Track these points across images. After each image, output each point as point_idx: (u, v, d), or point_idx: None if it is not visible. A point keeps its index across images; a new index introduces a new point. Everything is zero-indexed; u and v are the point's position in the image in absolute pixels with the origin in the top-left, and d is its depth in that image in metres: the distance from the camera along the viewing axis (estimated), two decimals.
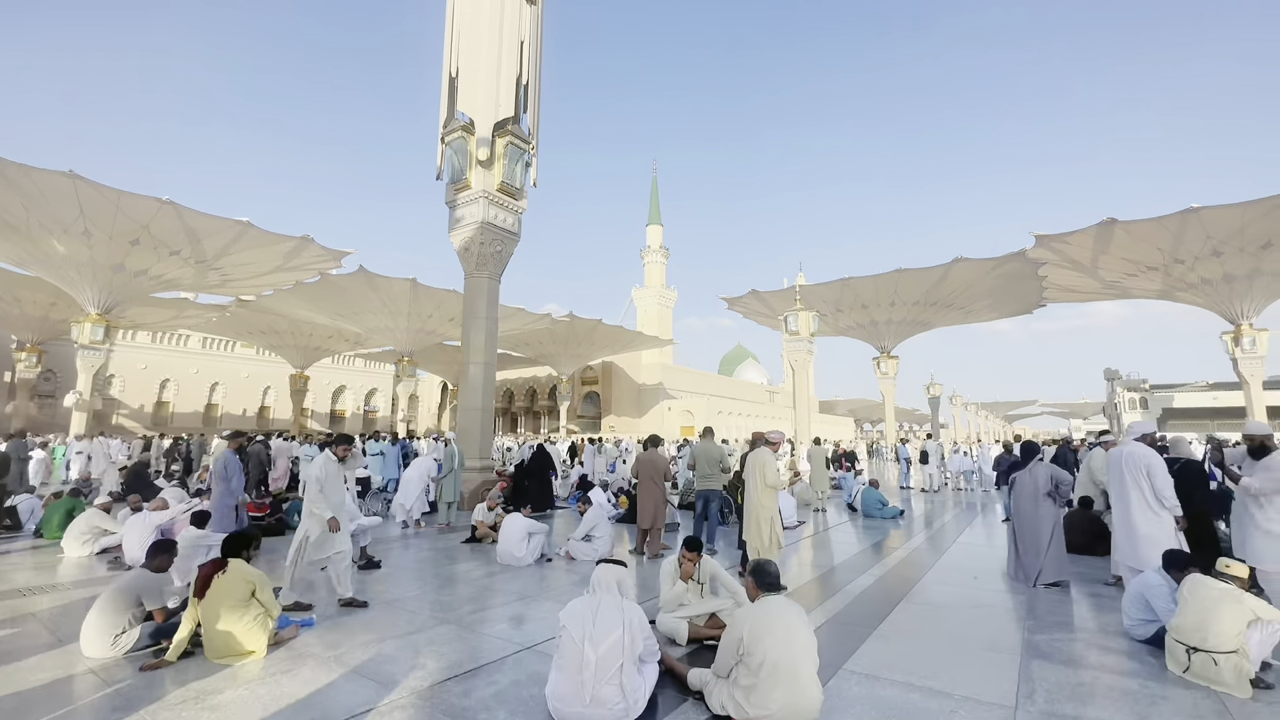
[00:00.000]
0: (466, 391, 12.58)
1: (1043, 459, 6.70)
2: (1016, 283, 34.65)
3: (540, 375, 62.94)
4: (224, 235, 27.93)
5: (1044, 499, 6.38)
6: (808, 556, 8.37)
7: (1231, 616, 3.85)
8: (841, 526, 10.87)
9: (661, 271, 67.26)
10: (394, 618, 5.25)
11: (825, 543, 9.32)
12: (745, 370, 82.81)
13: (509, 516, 7.41)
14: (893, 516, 11.77)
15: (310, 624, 4.84)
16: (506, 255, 13.18)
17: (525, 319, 42.79)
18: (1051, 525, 6.33)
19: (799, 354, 28.61)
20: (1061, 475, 6.39)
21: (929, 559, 8.05)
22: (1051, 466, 6.58)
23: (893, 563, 7.82)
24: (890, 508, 11.96)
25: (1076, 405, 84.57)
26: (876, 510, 11.89)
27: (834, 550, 8.77)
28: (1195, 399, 43.60)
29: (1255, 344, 32.85)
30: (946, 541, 9.34)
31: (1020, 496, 6.61)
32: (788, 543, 9.00)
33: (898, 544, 9.14)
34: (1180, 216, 27.78)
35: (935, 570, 7.32)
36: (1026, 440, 7.39)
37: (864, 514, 12.11)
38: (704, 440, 8.39)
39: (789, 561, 7.73)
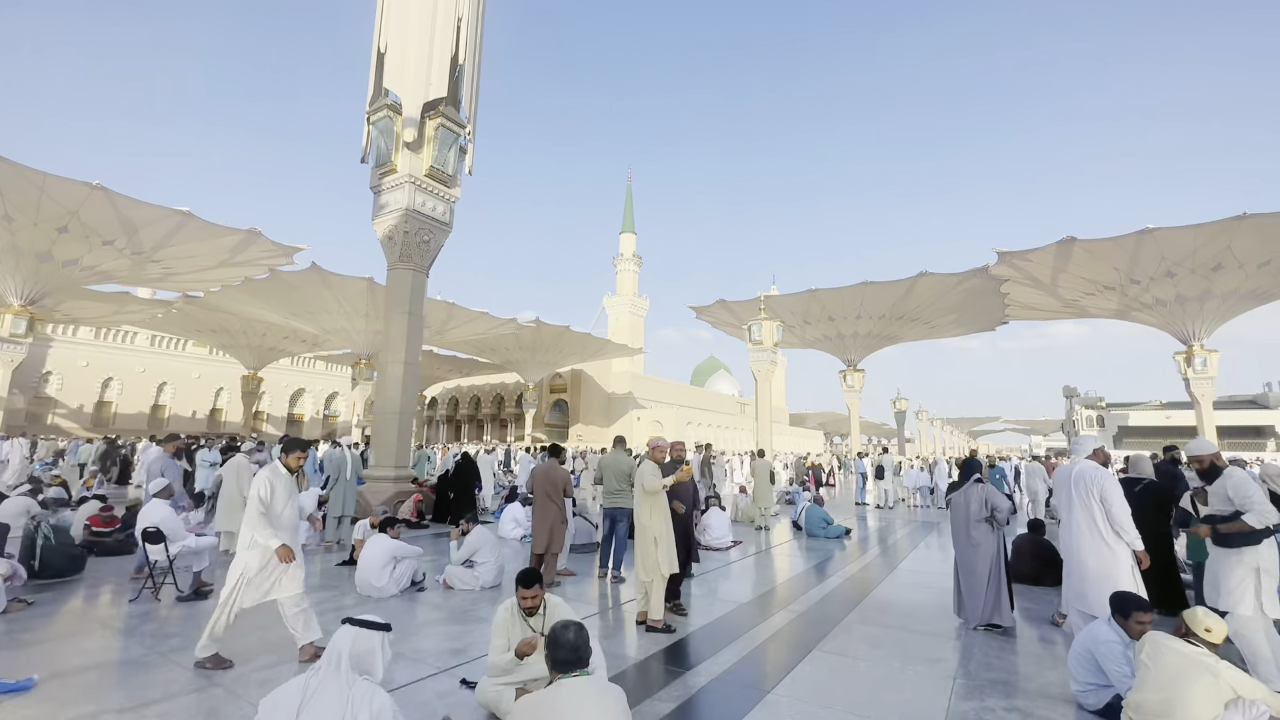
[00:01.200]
0: (383, 393, 11.37)
1: (981, 480, 5.70)
2: (980, 299, 34.53)
3: (508, 382, 61.47)
4: (162, 225, 26.18)
5: (977, 525, 5.47)
6: (718, 587, 7.24)
7: (1204, 694, 2.91)
8: (780, 549, 9.90)
9: (634, 280, 66.37)
10: (145, 677, 4.01)
11: (750, 569, 8.24)
12: (717, 381, 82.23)
13: (372, 538, 6.18)
14: (838, 536, 10.86)
15: (25, 687, 3.63)
16: (435, 246, 12.02)
17: (489, 323, 41.47)
18: (989, 558, 5.39)
19: (762, 364, 27.85)
20: (997, 500, 5.46)
21: (861, 591, 7.11)
22: (988, 488, 5.61)
23: (817, 596, 6.84)
24: (835, 526, 11.07)
25: (1038, 422, 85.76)
26: (820, 529, 10.96)
27: (755, 579, 7.73)
28: (1149, 418, 44.16)
29: (1206, 364, 33.16)
30: (888, 568, 8.44)
31: (955, 523, 5.69)
32: (713, 566, 8.00)
33: (833, 571, 8.17)
34: (1136, 237, 27.86)
35: (863, 608, 6.32)
36: (967, 457, 6.44)
37: (808, 533, 11.16)
38: (613, 451, 7.34)
39: (694, 594, 6.74)
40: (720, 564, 8.33)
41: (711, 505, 9.67)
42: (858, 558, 9.37)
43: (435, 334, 41.96)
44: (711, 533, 9.30)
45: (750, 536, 10.87)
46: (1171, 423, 42.69)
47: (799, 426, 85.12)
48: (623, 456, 7.12)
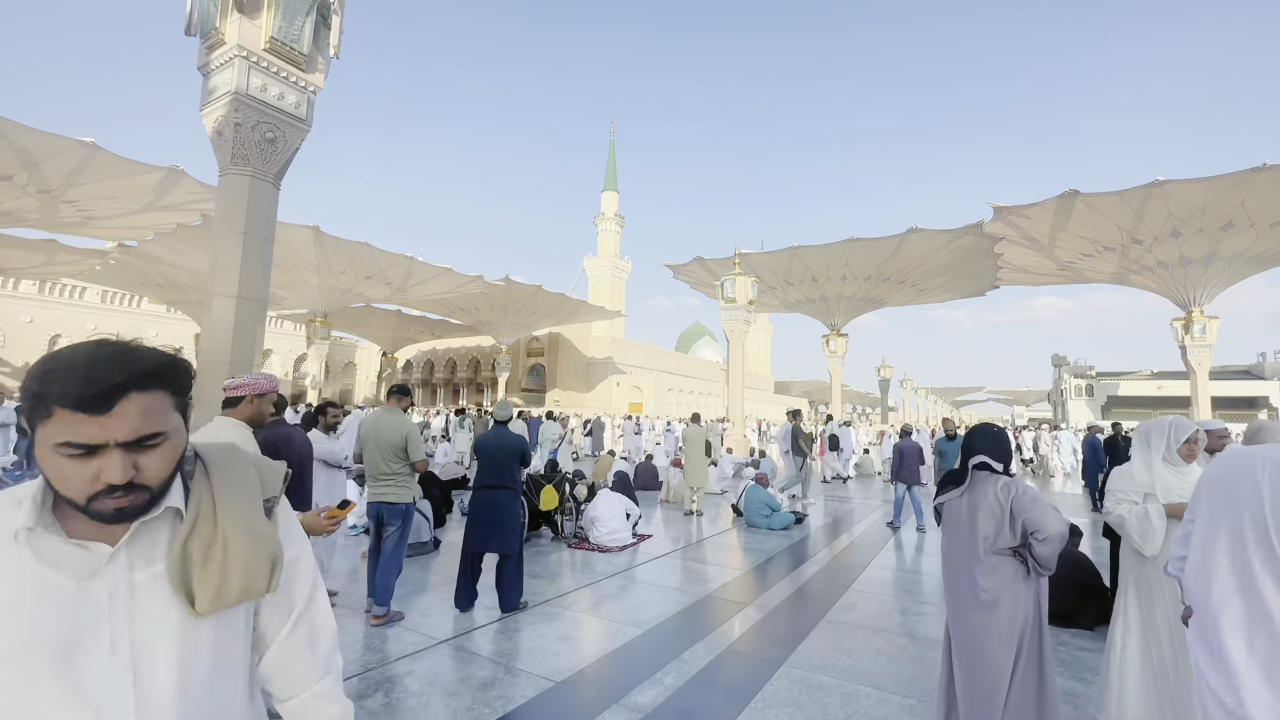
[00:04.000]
0: (209, 337, 8.75)
1: (998, 469, 2.98)
2: (972, 260, 32.27)
3: (485, 345, 58.95)
4: (67, 159, 23.14)
5: (993, 565, 2.85)
6: (545, 635, 4.39)
7: None
8: (699, 548, 7.35)
9: (616, 240, 63.40)
10: None
11: (628, 592, 5.40)
12: (702, 348, 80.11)
13: None
14: (783, 527, 8.60)
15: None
16: (286, 149, 9.37)
17: (453, 280, 38.77)
18: (1016, 631, 2.79)
19: (735, 322, 25.56)
20: (1038, 514, 2.75)
21: (770, 660, 4.03)
22: (1018, 488, 2.90)
23: (700, 662, 3.95)
24: (780, 515, 8.77)
25: (1021, 392, 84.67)
26: (761, 518, 8.67)
27: (624, 613, 4.91)
28: (1140, 388, 42.51)
29: (1205, 331, 31.40)
30: (832, 593, 5.45)
31: (947, 558, 3.08)
32: (579, 583, 5.69)
33: (732, 611, 4.98)
34: (1144, 190, 25.66)
35: (759, 706, 3.41)
36: (975, 427, 3.33)
37: (747, 522, 8.94)
38: (383, 409, 4.75)
39: (501, 646, 4.19)
40: (593, 576, 5.86)
41: (600, 487, 7.43)
42: (802, 565, 6.65)
43: (396, 291, 39.30)
44: (601, 526, 7.02)
45: (675, 525, 8.70)
46: (1163, 393, 41.10)
47: (784, 394, 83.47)
48: (396, 417, 4.51)
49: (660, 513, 9.99)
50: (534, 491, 6.92)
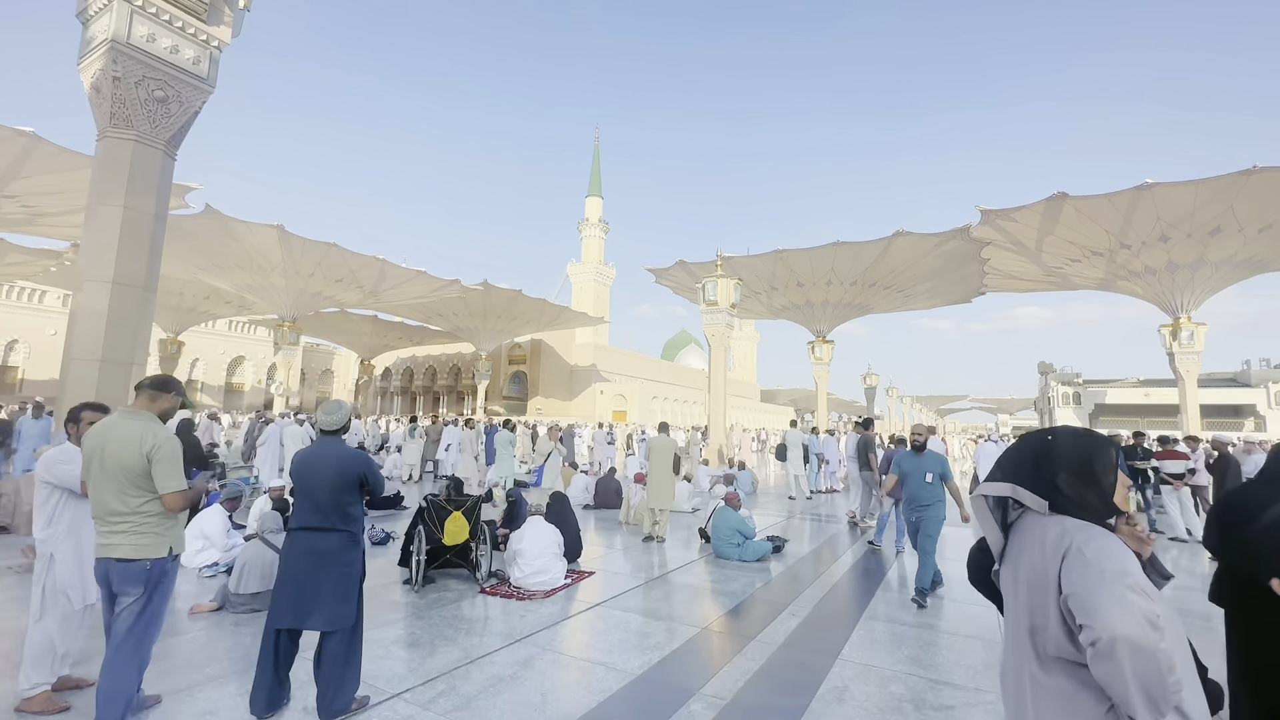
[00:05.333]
0: (77, 330, 7.20)
1: (1093, 512, 1.56)
2: (958, 264, 31.31)
3: (465, 352, 57.31)
4: (5, 151, 21.38)
5: (1062, 683, 1.47)
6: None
7: None
8: (643, 593, 5.62)
9: (600, 246, 62.03)
10: None
11: (503, 684, 3.62)
12: (688, 356, 78.87)
13: None
14: (758, 559, 7.05)
15: None
16: (183, 111, 7.88)
17: (429, 284, 37.21)
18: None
19: (717, 326, 24.14)
20: (1089, 595, 1.39)
21: None
22: (1084, 533, 1.52)
23: None
24: (754, 544, 7.15)
25: (1005, 401, 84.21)
26: (731, 548, 7.07)
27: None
28: (1127, 395, 41.73)
29: (1193, 338, 30.60)
30: (813, 671, 3.91)
31: (1002, 672, 1.69)
32: (461, 659, 4.16)
33: (672, 705, 3.40)
34: (1133, 193, 24.84)
35: None
36: (1039, 434, 1.89)
37: (715, 552, 7.37)
38: (120, 415, 3.01)
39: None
40: (494, 642, 4.24)
41: (532, 514, 5.91)
42: (770, 621, 4.89)
43: (370, 295, 37.64)
44: (524, 564, 5.44)
45: (627, 557, 7.26)
46: (1150, 400, 40.33)
47: (770, 403, 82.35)
48: (131, 428, 2.89)
49: (618, 538, 8.53)
50: (436, 520, 5.45)
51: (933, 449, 8.38)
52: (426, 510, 5.52)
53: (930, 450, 6.16)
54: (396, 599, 5.21)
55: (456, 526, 5.42)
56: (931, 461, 6.01)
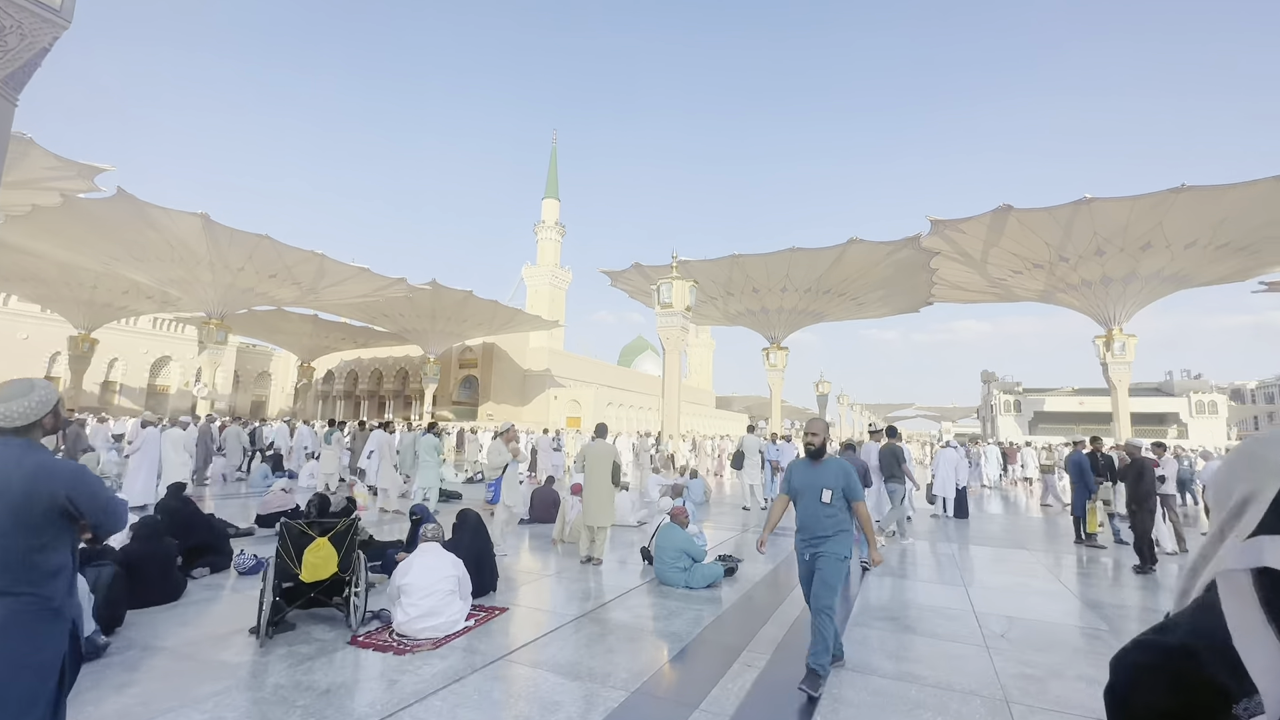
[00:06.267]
0: None
1: None
2: (909, 274, 31.50)
3: (414, 355, 54.72)
4: None
5: None
6: None
7: None
8: (563, 636, 4.48)
9: (556, 249, 60.52)
10: None
11: None
12: (644, 362, 77.94)
13: None
14: (707, 585, 5.92)
15: None
16: (23, 47, 6.38)
17: (373, 282, 35.01)
18: None
19: (672, 329, 23.27)
20: None
21: None
22: None
23: None
24: (703, 568, 6.00)
25: (948, 409, 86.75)
26: (676, 573, 5.92)
27: None
28: (1064, 403, 43.28)
29: (1125, 349, 31.62)
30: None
31: None
32: None
33: None
34: (1072, 207, 25.38)
35: None
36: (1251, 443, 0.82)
37: (658, 577, 6.19)
38: None
39: None
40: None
41: (427, 539, 4.59)
42: (720, 678, 3.80)
43: (308, 293, 35.14)
44: (409, 605, 4.17)
45: (555, 585, 6.09)
46: (1085, 408, 41.91)
47: (725, 409, 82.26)
48: None
49: (552, 560, 7.33)
50: (292, 550, 4.14)
51: (848, 455, 7.47)
52: (281, 537, 4.20)
53: (834, 458, 4.09)
54: (229, 657, 3.87)
55: (319, 558, 4.14)
56: (830, 473, 3.92)
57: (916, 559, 8.01)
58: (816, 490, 3.90)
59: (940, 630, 4.88)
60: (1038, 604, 5.88)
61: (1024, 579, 6.97)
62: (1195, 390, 39.88)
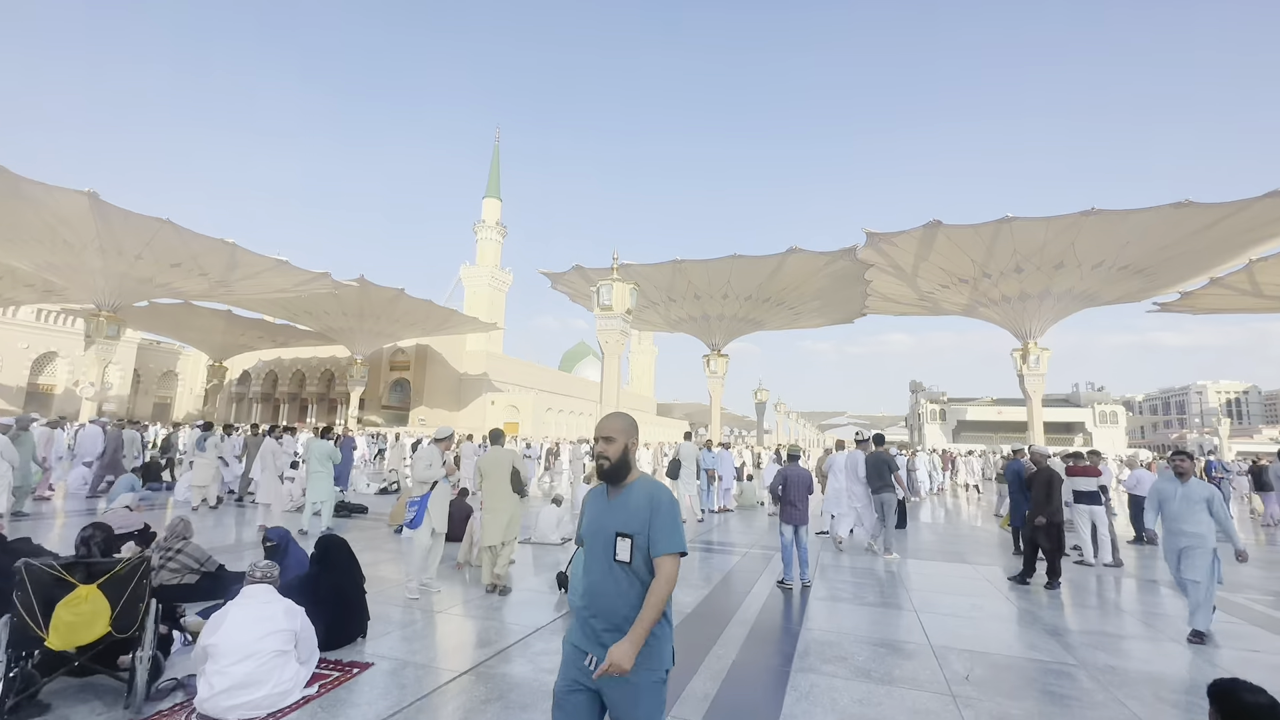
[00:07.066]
0: None
1: None
2: (844, 285, 31.98)
3: (341, 356, 51.32)
4: None
5: None
6: None
7: None
8: (434, 702, 3.33)
9: (497, 250, 58.39)
10: None
11: None
12: (586, 368, 76.65)
13: None
14: None
15: None
16: None
17: (293, 277, 32.26)
18: None
19: (611, 333, 22.21)
20: None
21: None
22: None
23: None
24: None
25: (877, 417, 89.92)
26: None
27: None
28: (984, 413, 45.46)
29: (1039, 362, 33.23)
30: None
31: None
32: None
33: None
34: (995, 226, 26.37)
35: None
36: None
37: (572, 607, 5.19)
38: None
39: None
40: None
41: (255, 580, 3.36)
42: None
43: (218, 285, 32.01)
44: (215, 672, 2.96)
45: (451, 620, 5.02)
46: (1003, 418, 44.14)
47: (666, 416, 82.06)
48: None
49: (457, 589, 6.20)
50: (35, 609, 2.85)
51: (790, 467, 6.76)
52: (21, 584, 2.91)
53: (647, 482, 2.21)
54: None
55: (80, 614, 2.90)
56: (631, 509, 2.15)
57: (864, 577, 7.39)
58: (607, 539, 2.12)
59: (898, 673, 4.13)
60: (996, 633, 5.28)
61: (975, 599, 6.42)
62: (1098, 401, 42.98)
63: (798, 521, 6.85)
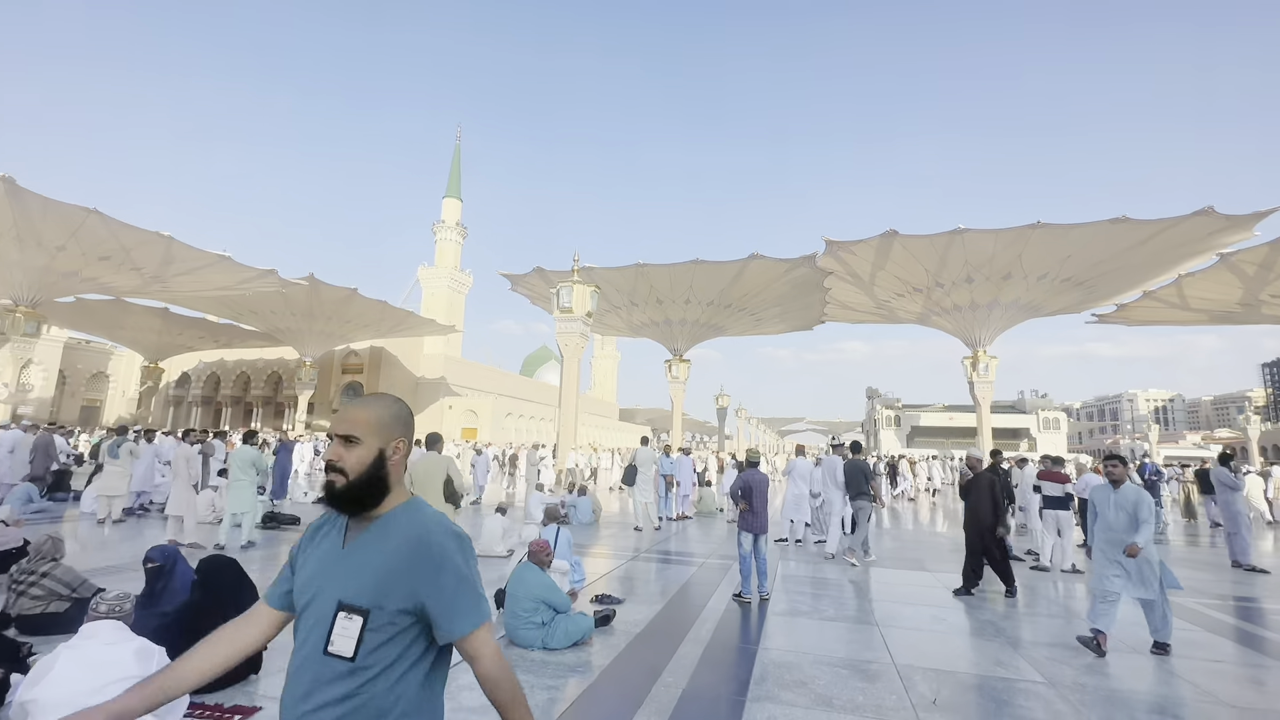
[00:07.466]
0: None
1: None
2: (804, 293, 32.25)
3: (289, 358, 48.99)
4: None
5: None
6: None
7: None
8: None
9: (456, 251, 56.90)
10: None
11: None
12: (548, 373, 75.49)
13: None
14: (573, 644, 4.47)
15: None
16: None
17: (235, 273, 30.49)
18: None
19: (571, 336, 21.77)
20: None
21: None
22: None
23: None
24: (567, 622, 4.53)
25: (834, 423, 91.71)
26: (531, 629, 4.42)
27: None
28: (936, 419, 46.79)
29: (988, 369, 34.11)
30: None
31: None
32: None
33: None
34: (948, 236, 26.97)
35: None
36: None
37: (508, 635, 4.55)
38: None
39: None
40: None
41: (103, 613, 2.60)
42: None
43: (153, 281, 29.98)
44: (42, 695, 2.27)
45: None
46: (954, 423, 45.51)
47: (629, 422, 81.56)
48: None
49: None
50: None
51: (749, 474, 6.38)
52: None
53: (411, 512, 1.36)
54: None
55: None
56: (372, 561, 1.29)
57: (824, 588, 7.08)
58: (322, 613, 1.28)
59: (862, 700, 3.77)
60: (960, 648, 5.00)
61: (936, 610, 6.17)
62: (1042, 408, 44.89)
63: (758, 530, 6.47)
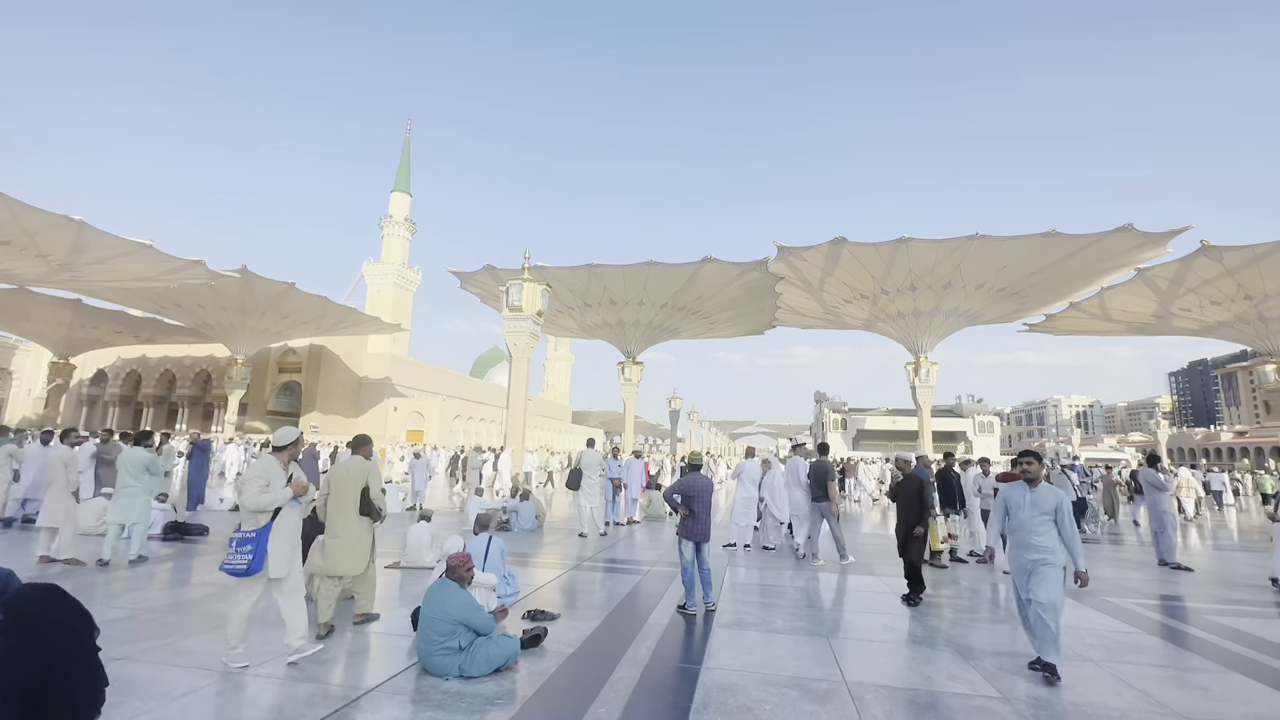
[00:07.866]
0: None
1: None
2: (756, 297, 32.53)
3: (219, 355, 45.98)
4: None
5: None
6: None
7: None
8: None
9: (404, 247, 54.73)
10: None
11: None
12: (499, 374, 73.78)
13: None
14: (494, 670, 3.90)
15: None
16: None
17: (158, 263, 28.23)
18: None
19: (520, 335, 20.91)
20: None
21: None
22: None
23: None
24: (488, 646, 3.97)
25: (784, 426, 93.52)
26: (445, 656, 3.84)
27: None
28: (880, 422, 48.19)
29: (929, 375, 35.20)
30: None
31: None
32: None
33: None
34: (894, 245, 27.68)
35: None
36: None
37: (421, 662, 4.02)
38: None
39: None
40: None
41: None
42: None
43: (61, 269, 27.44)
44: None
45: (254, 680, 3.80)
46: (897, 427, 46.98)
47: (581, 424, 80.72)
48: None
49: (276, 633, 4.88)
50: None
51: (692, 478, 5.95)
52: None
53: None
54: None
55: None
56: None
57: (772, 596, 6.78)
58: None
59: None
60: (911, 661, 4.75)
61: (885, 618, 5.95)
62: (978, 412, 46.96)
63: (699, 538, 6.05)
